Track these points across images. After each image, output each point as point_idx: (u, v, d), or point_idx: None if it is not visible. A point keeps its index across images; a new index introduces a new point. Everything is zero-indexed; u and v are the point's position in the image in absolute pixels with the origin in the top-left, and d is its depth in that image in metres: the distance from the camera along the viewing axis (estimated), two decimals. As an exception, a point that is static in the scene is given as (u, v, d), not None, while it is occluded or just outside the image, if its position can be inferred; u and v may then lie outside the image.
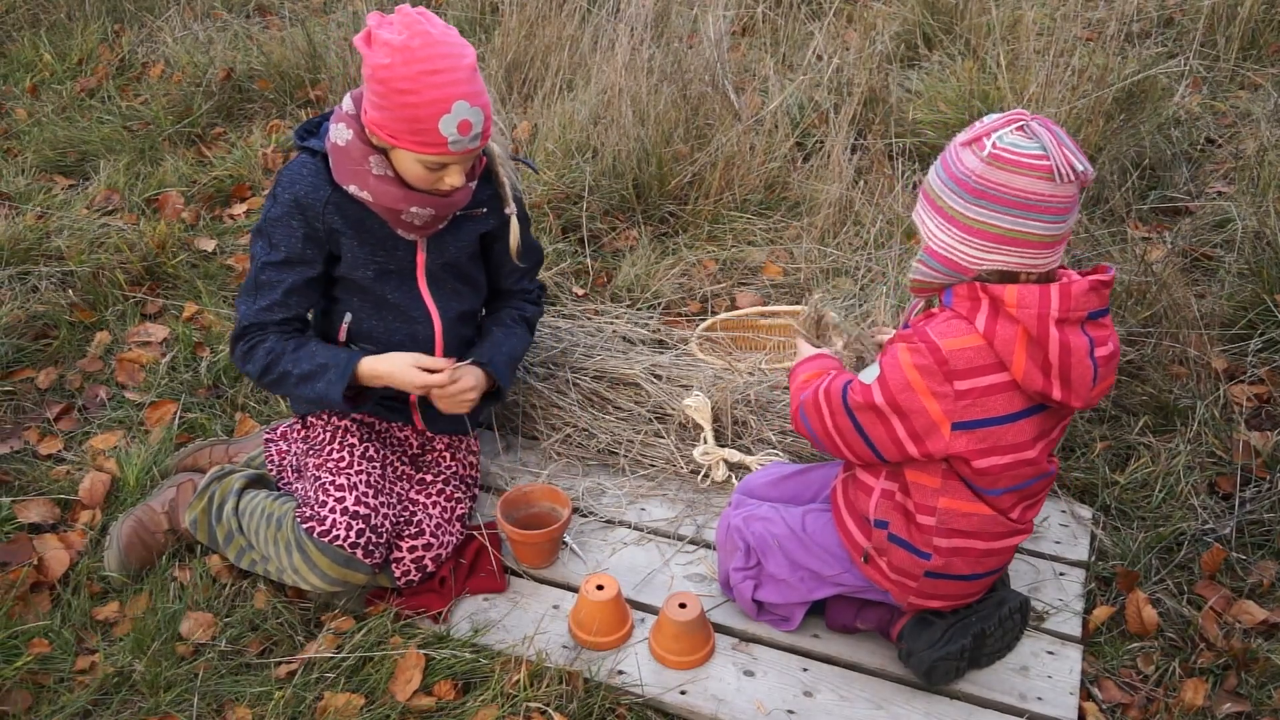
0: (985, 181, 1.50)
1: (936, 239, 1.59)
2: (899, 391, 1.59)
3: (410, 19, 1.75)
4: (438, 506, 2.07)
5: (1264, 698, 1.86)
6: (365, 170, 1.87)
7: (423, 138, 1.78)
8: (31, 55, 4.34)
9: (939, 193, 1.57)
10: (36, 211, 3.26)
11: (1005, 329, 1.54)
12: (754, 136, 3.42)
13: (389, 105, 1.77)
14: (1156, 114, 3.49)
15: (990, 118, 1.55)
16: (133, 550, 2.06)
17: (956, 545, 1.70)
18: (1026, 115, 1.52)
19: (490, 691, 1.82)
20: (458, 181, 1.88)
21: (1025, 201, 1.49)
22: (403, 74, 1.73)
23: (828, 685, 1.86)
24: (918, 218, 1.64)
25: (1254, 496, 2.23)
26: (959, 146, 1.55)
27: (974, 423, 1.58)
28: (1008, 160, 1.49)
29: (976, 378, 1.56)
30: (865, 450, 1.69)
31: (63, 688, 1.87)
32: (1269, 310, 2.61)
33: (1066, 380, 1.55)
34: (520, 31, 3.90)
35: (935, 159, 1.62)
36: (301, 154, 1.96)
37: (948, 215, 1.56)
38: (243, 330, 1.97)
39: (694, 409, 2.35)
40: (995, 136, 1.50)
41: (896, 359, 1.60)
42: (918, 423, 1.60)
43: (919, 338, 1.58)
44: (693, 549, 2.16)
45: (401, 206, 1.89)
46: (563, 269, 3.04)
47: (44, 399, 2.60)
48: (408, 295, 2.04)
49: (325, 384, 1.93)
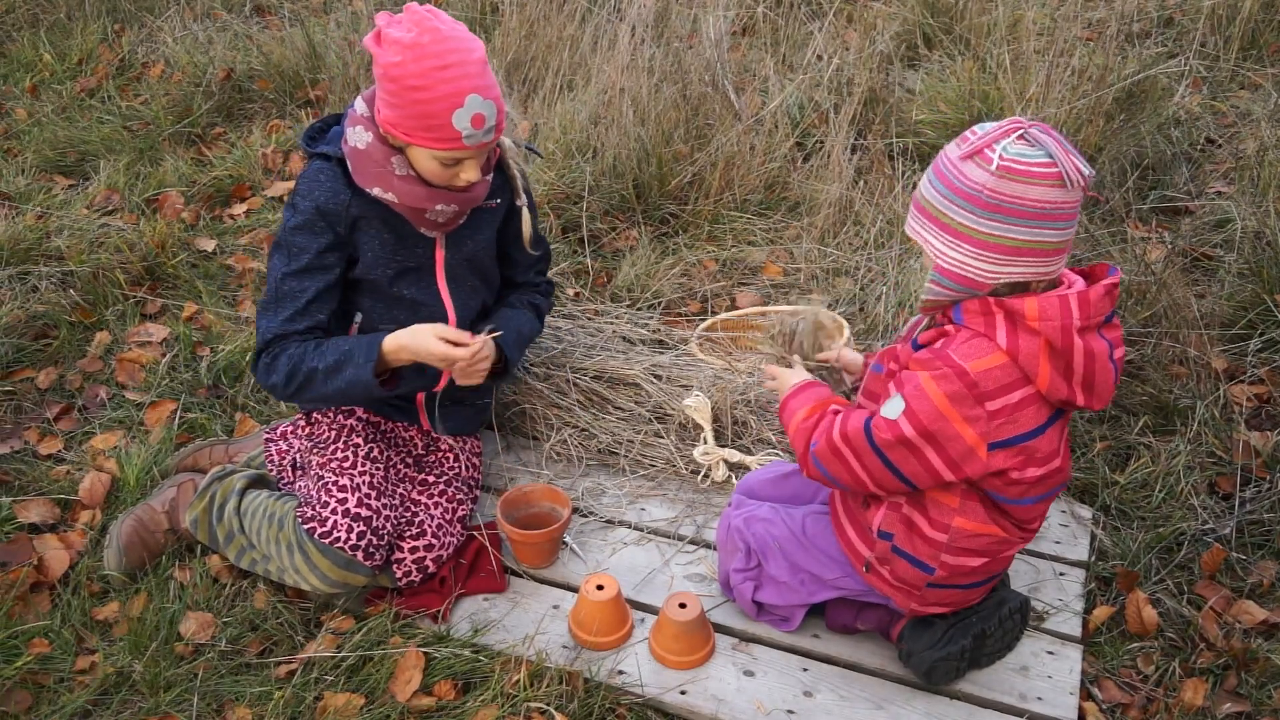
0: (998, 195, 1.46)
1: (948, 257, 1.54)
2: (931, 421, 1.54)
3: (419, 16, 1.76)
4: (439, 507, 2.07)
5: (1264, 698, 1.86)
6: (388, 171, 1.87)
7: (437, 133, 1.78)
8: (31, 55, 4.34)
9: (943, 209, 1.52)
10: (36, 211, 3.26)
11: (1028, 342, 1.51)
12: (754, 136, 3.42)
13: (402, 103, 1.77)
14: (1156, 114, 3.49)
15: (984, 127, 1.51)
16: (132, 549, 2.06)
17: (963, 562, 1.70)
18: (1024, 122, 1.48)
19: (490, 691, 1.82)
20: (474, 176, 1.88)
21: (1040, 211, 1.47)
22: (414, 70, 1.73)
23: (828, 685, 1.86)
24: (918, 236, 1.58)
25: (1254, 496, 2.23)
26: (959, 160, 1.50)
27: (1009, 440, 1.56)
28: (1018, 171, 1.45)
29: (1006, 395, 1.53)
30: (897, 484, 1.64)
31: (62, 688, 1.87)
32: (1269, 310, 2.61)
33: (1090, 386, 1.54)
34: (520, 31, 3.90)
35: (926, 173, 1.57)
36: (315, 160, 1.95)
37: (956, 231, 1.51)
38: (265, 344, 1.94)
39: (694, 409, 2.34)
40: (1000, 148, 1.46)
41: (922, 389, 1.54)
42: (954, 450, 1.56)
43: (943, 363, 1.53)
44: (693, 549, 2.16)
45: (427, 205, 1.90)
46: (563, 269, 3.04)
47: (44, 399, 2.60)
48: (425, 292, 2.04)
49: (354, 368, 1.89)
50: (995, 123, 1.51)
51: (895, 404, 1.58)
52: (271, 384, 1.94)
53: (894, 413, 1.58)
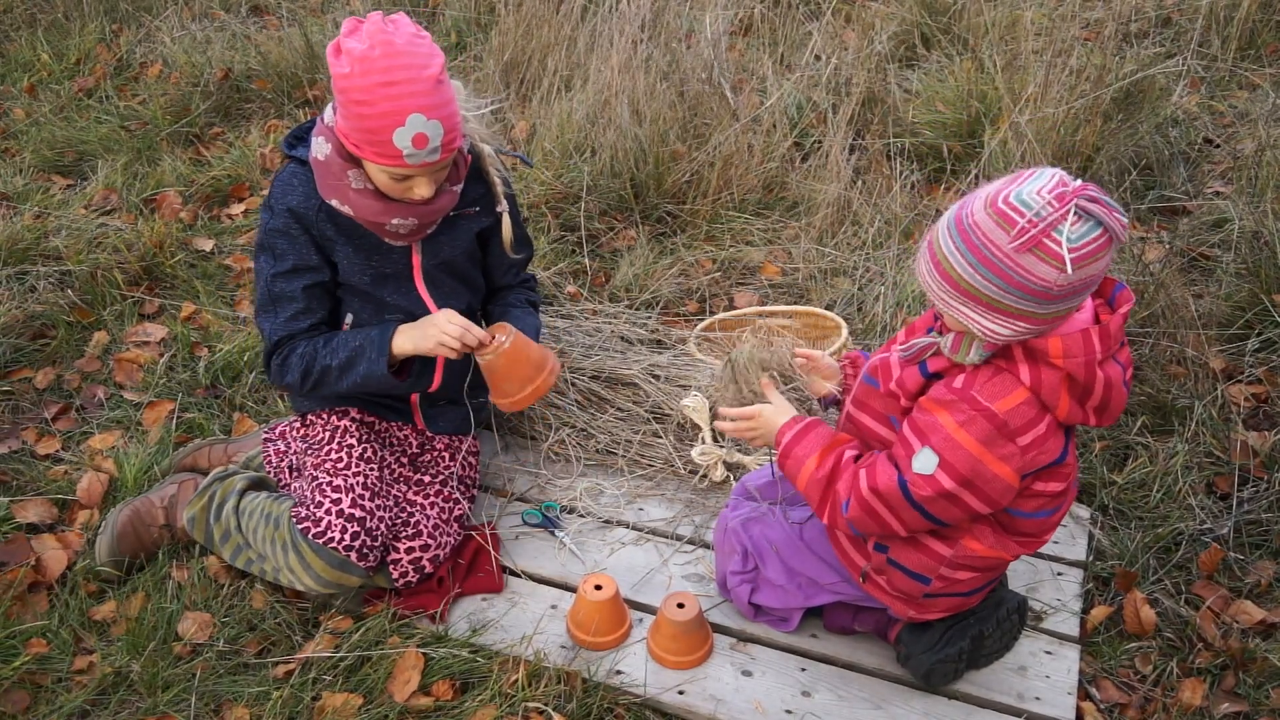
0: (1069, 286, 1.39)
1: (1001, 336, 1.47)
2: (968, 470, 1.52)
3: (376, 28, 1.72)
4: (435, 507, 2.07)
5: (1261, 698, 1.86)
6: (345, 185, 1.85)
7: (379, 149, 1.76)
8: (29, 55, 4.34)
9: (999, 299, 1.43)
10: (34, 211, 3.26)
11: (1049, 376, 1.49)
12: (752, 136, 3.42)
13: (349, 116, 1.75)
14: (1154, 114, 3.50)
15: (1023, 198, 1.38)
16: (125, 539, 2.06)
17: (961, 575, 1.70)
18: (1066, 184, 1.37)
19: (488, 691, 1.82)
20: (426, 192, 1.85)
21: (1100, 277, 1.43)
22: (359, 85, 1.70)
23: (826, 685, 1.86)
24: (964, 317, 1.48)
25: (1252, 496, 2.24)
26: (1015, 252, 1.38)
27: (1039, 469, 1.56)
28: (1087, 256, 1.37)
29: (1034, 429, 1.51)
30: (930, 527, 1.62)
31: (60, 688, 1.87)
32: (1267, 310, 2.61)
33: (1105, 409, 1.53)
34: (518, 31, 3.89)
35: (960, 250, 1.44)
36: (290, 163, 1.95)
37: (1017, 315, 1.44)
38: (274, 345, 1.96)
39: (692, 409, 2.34)
40: (1064, 238, 1.36)
41: (954, 439, 1.51)
42: (993, 490, 1.54)
43: (970, 406, 1.51)
44: (691, 549, 2.16)
45: (383, 219, 1.88)
46: (561, 269, 3.04)
47: (42, 399, 2.60)
48: (406, 297, 2.03)
49: (366, 363, 1.92)
50: (1030, 185, 1.39)
51: (928, 459, 1.54)
52: (288, 384, 1.98)
53: (929, 468, 1.54)
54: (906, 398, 1.61)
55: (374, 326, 1.98)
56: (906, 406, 1.62)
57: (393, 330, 1.95)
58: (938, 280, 1.48)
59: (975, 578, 1.71)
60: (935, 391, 1.56)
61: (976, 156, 3.31)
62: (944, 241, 1.46)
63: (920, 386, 1.60)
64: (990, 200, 1.41)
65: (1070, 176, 1.39)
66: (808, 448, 1.68)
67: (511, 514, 2.24)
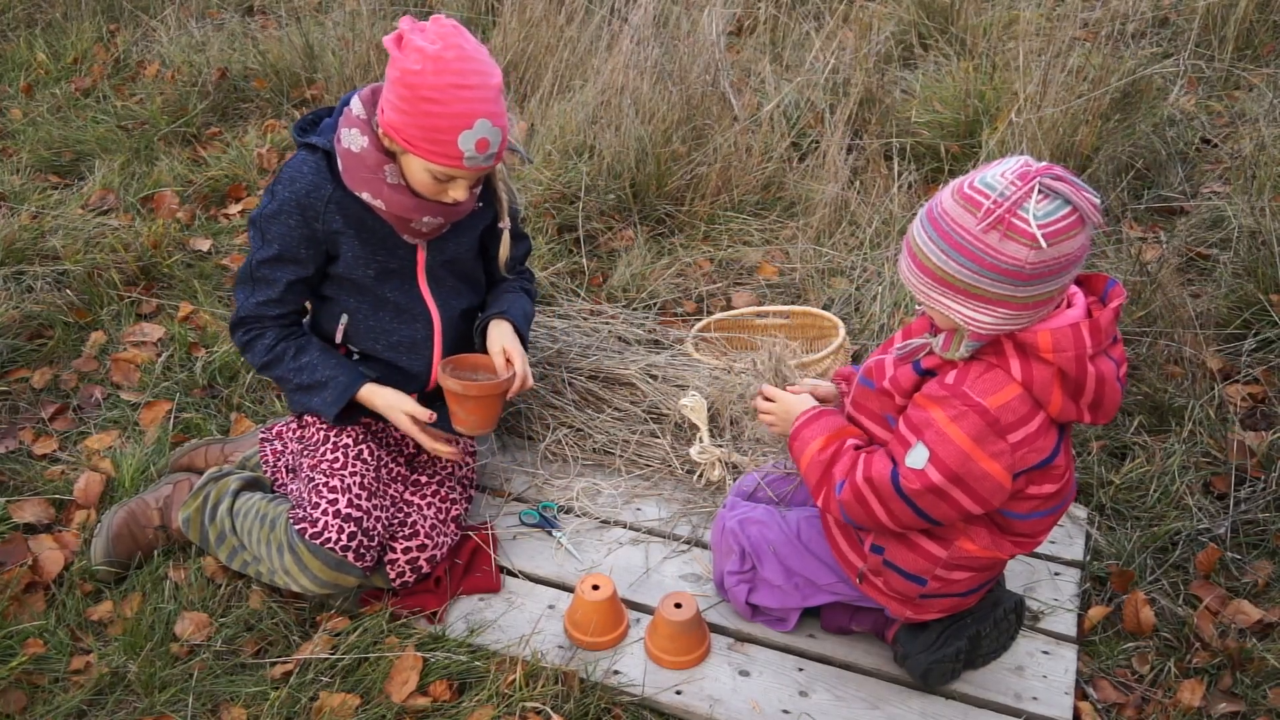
0: (1043, 264, 1.41)
1: (985, 325, 1.48)
2: (959, 465, 1.52)
3: (446, 29, 1.74)
4: (432, 508, 2.07)
5: (1259, 698, 1.86)
6: (380, 179, 1.86)
7: (439, 149, 1.77)
8: (26, 54, 4.33)
9: (974, 283, 1.44)
10: (31, 211, 3.25)
11: (1041, 371, 1.49)
12: (750, 136, 3.42)
13: (412, 111, 1.75)
14: (1152, 114, 3.50)
15: (988, 181, 1.42)
16: (120, 540, 2.06)
17: (957, 576, 1.70)
18: (1031, 166, 1.41)
19: (486, 692, 1.82)
20: (461, 195, 1.87)
21: (1075, 259, 1.44)
22: (432, 83, 1.72)
23: (823, 685, 1.86)
24: (945, 308, 1.49)
25: (1249, 496, 2.24)
26: (982, 233, 1.41)
27: (1031, 467, 1.56)
28: (1056, 233, 1.39)
29: (1026, 426, 1.52)
30: (920, 523, 1.63)
31: (57, 688, 1.87)
32: (1264, 310, 2.62)
33: (1099, 406, 1.53)
34: (519, 32, 3.90)
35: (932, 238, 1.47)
36: (302, 150, 1.94)
37: (995, 300, 1.45)
38: (240, 319, 1.99)
39: (690, 409, 2.34)
40: (1030, 214, 1.38)
41: (945, 434, 1.52)
42: (983, 488, 1.54)
43: (961, 401, 1.52)
44: (688, 549, 2.16)
45: (414, 216, 1.90)
46: (559, 268, 3.04)
47: (39, 399, 2.59)
48: (407, 294, 2.03)
49: (320, 401, 1.97)
50: (995, 169, 1.43)
51: (919, 453, 1.55)
52: (247, 358, 2.03)
53: (920, 462, 1.55)
54: (901, 395, 1.63)
55: (345, 369, 2.00)
56: (902, 404, 1.63)
57: (360, 385, 1.99)
58: (916, 274, 1.51)
59: (971, 578, 1.71)
60: (928, 388, 1.57)
61: (974, 156, 3.32)
62: (918, 234, 1.49)
63: (914, 384, 1.61)
64: (957, 188, 1.45)
65: (1036, 160, 1.42)
66: (816, 430, 1.72)
67: (509, 514, 2.24)
